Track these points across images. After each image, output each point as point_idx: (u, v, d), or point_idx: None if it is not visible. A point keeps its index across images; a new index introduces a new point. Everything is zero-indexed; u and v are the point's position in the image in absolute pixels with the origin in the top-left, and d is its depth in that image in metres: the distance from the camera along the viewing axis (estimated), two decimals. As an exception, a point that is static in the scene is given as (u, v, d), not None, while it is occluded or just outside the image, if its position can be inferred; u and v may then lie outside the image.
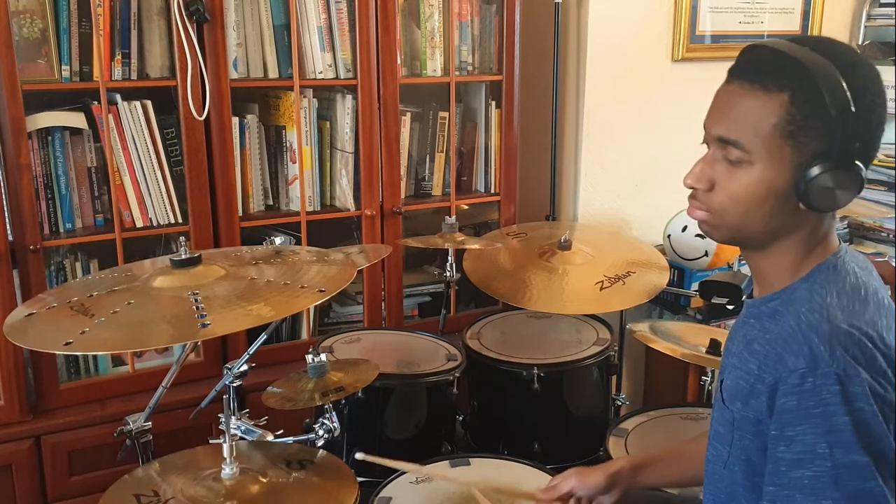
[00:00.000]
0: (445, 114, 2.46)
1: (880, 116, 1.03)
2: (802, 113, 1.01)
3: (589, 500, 1.43)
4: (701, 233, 2.57)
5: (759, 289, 1.17)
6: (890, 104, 3.32)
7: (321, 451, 1.55)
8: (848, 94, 0.99)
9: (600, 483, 1.41)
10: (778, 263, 1.11)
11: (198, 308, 1.34)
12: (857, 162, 1.02)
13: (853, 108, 0.99)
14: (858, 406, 0.96)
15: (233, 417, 1.58)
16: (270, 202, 2.29)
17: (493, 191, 2.58)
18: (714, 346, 1.97)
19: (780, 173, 1.04)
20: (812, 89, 1.00)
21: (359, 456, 1.52)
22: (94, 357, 2.14)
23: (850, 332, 0.99)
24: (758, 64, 1.05)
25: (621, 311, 2.33)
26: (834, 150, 1.01)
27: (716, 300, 2.13)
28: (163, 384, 1.65)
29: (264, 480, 1.42)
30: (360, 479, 1.48)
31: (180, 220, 2.12)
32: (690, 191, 1.14)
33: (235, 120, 2.13)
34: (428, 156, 2.49)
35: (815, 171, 1.01)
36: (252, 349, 1.69)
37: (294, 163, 2.26)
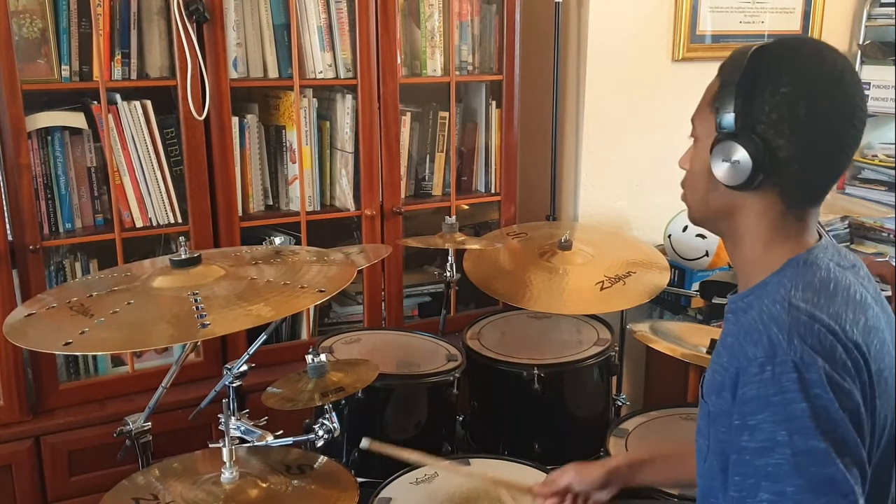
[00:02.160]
0: (445, 114, 2.46)
1: (784, 98, 1.05)
2: (722, 91, 1.08)
3: (586, 495, 1.43)
4: (702, 233, 2.58)
5: (740, 285, 1.19)
6: (890, 104, 3.29)
7: (321, 456, 1.54)
8: (745, 69, 1.06)
9: (598, 478, 1.42)
10: (743, 255, 1.15)
11: (198, 308, 1.34)
12: (762, 142, 1.05)
13: (747, 83, 1.05)
14: (815, 392, 0.96)
15: (232, 418, 1.58)
16: (270, 202, 2.29)
17: (493, 191, 2.57)
18: (714, 347, 1.97)
19: (708, 149, 1.10)
20: (727, 69, 1.09)
21: (364, 444, 1.52)
22: (94, 357, 2.14)
23: (811, 322, 1.00)
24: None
25: (622, 311, 2.33)
26: (733, 125, 1.06)
27: (716, 300, 2.13)
28: (163, 384, 1.65)
29: (264, 485, 1.42)
30: (359, 479, 1.48)
31: (180, 220, 2.12)
32: None
33: (235, 120, 2.13)
34: (428, 156, 2.49)
35: (717, 143, 1.08)
36: (252, 349, 1.69)
37: (294, 163, 2.26)
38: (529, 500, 1.58)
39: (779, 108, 1.04)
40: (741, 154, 1.05)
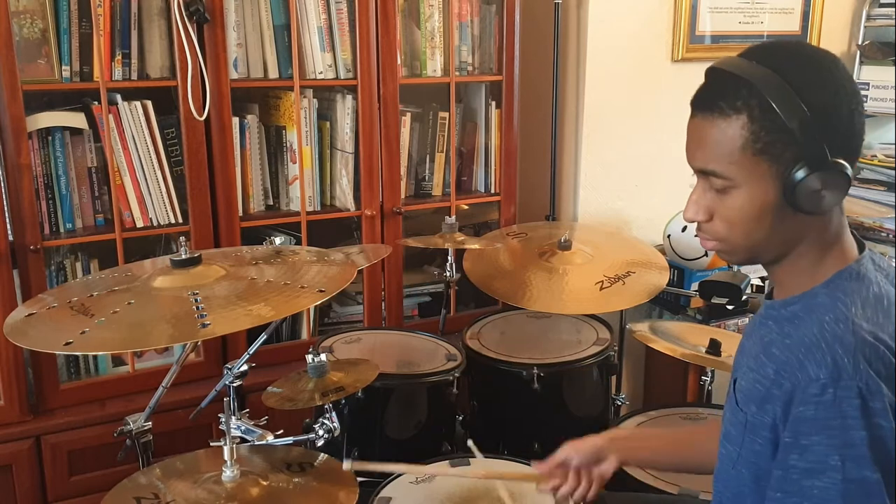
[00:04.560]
0: (445, 114, 2.46)
1: (842, 107, 1.02)
2: (764, 129, 1.02)
3: (588, 471, 1.40)
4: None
5: (779, 290, 1.16)
6: (890, 104, 3.29)
7: (322, 454, 1.54)
8: (798, 99, 1.00)
9: (594, 445, 1.39)
10: (795, 270, 1.11)
11: (198, 308, 1.34)
12: (838, 159, 1.02)
13: (808, 112, 1.00)
14: (877, 422, 0.95)
15: (233, 417, 1.58)
16: (270, 202, 2.29)
17: (493, 191, 2.58)
18: (714, 346, 1.97)
19: (766, 188, 1.05)
20: (764, 104, 1.01)
21: (346, 466, 1.40)
22: (94, 357, 2.14)
23: (876, 344, 0.98)
24: (710, 91, 1.07)
25: (621, 311, 2.33)
26: (808, 154, 1.01)
27: (715, 300, 2.13)
28: (163, 384, 1.65)
29: (265, 483, 1.42)
30: (359, 479, 1.48)
31: (180, 220, 2.12)
32: (690, 190, 1.14)
33: (235, 120, 2.14)
34: (428, 156, 2.49)
35: (798, 176, 1.02)
36: (252, 349, 1.69)
37: (294, 163, 2.26)
38: (529, 500, 1.58)
39: (835, 122, 1.02)
40: (832, 178, 1.01)
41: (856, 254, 1.10)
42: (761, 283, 2.39)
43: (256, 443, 1.56)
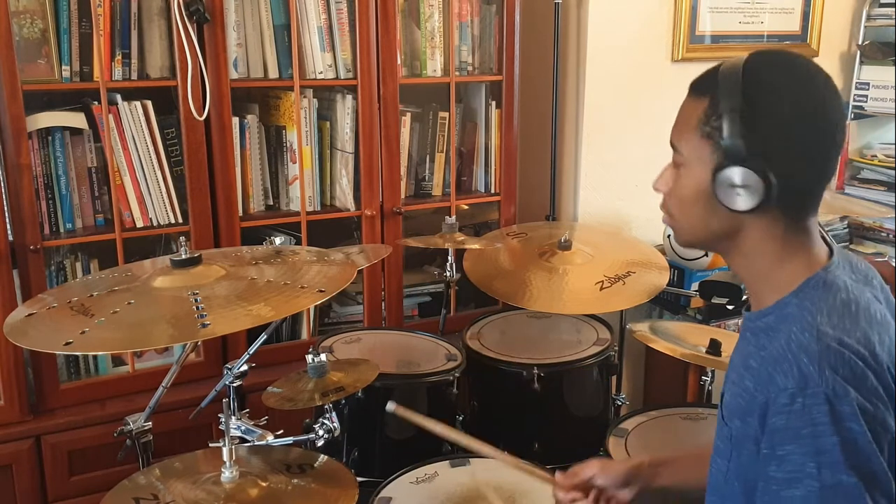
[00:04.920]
0: (445, 114, 2.46)
1: (796, 125, 1.04)
2: (715, 114, 1.06)
3: (608, 493, 1.42)
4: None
5: (753, 300, 1.17)
6: (890, 104, 3.29)
7: (321, 455, 1.54)
8: (742, 97, 1.04)
9: (621, 473, 1.39)
10: (751, 271, 1.13)
11: (198, 308, 1.34)
12: (765, 161, 1.03)
13: (750, 111, 1.03)
14: (847, 426, 0.95)
15: (233, 418, 1.58)
16: (270, 202, 2.29)
17: (493, 191, 2.58)
18: (714, 347, 1.97)
19: (703, 173, 1.09)
20: (719, 92, 1.06)
21: (390, 407, 1.53)
22: (94, 357, 2.14)
23: (841, 350, 0.99)
24: (701, 76, 1.13)
25: (621, 311, 2.33)
26: (738, 149, 1.04)
27: (716, 300, 2.13)
28: (163, 384, 1.65)
29: (264, 484, 1.42)
30: (359, 479, 1.48)
31: (180, 220, 2.12)
32: None
33: (235, 120, 2.14)
34: (428, 156, 2.49)
35: (720, 166, 1.06)
36: (252, 349, 1.69)
37: (294, 163, 2.26)
38: (528, 501, 1.58)
39: (782, 131, 1.04)
40: (752, 179, 1.03)
41: (824, 261, 1.10)
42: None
43: (256, 443, 1.56)
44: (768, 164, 1.03)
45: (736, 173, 1.04)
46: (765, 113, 1.04)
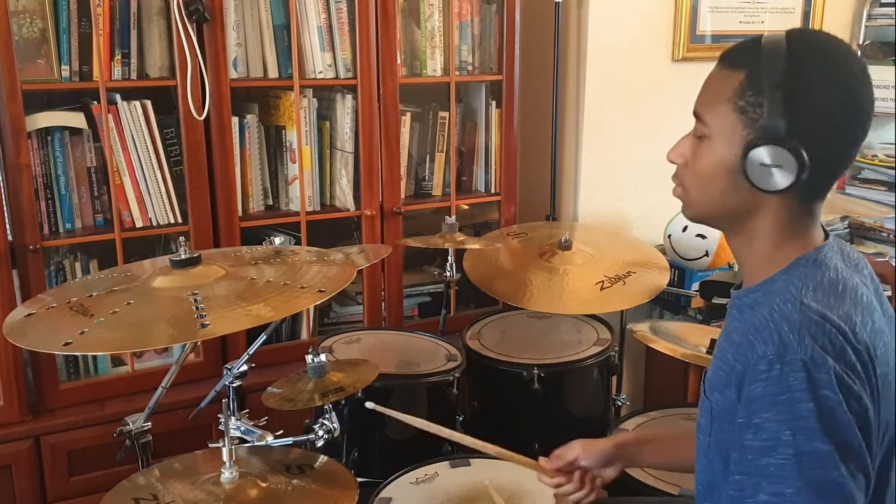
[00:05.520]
0: (445, 114, 2.46)
1: (832, 109, 1.03)
2: (751, 89, 1.04)
3: (592, 472, 1.42)
4: (702, 233, 2.57)
5: (744, 280, 1.17)
6: (890, 104, 3.29)
7: (321, 456, 1.54)
8: (788, 76, 1.01)
9: (604, 451, 1.40)
10: (752, 251, 1.12)
11: (197, 308, 1.34)
12: (801, 143, 1.01)
13: (792, 92, 1.01)
14: (823, 394, 0.95)
15: (232, 418, 1.58)
16: (270, 202, 2.29)
17: (493, 191, 2.57)
18: (714, 346, 1.97)
19: (731, 149, 1.07)
20: (760, 68, 1.03)
21: (369, 405, 1.51)
22: (94, 357, 2.14)
23: (822, 323, 0.99)
24: (735, 48, 1.10)
25: (621, 311, 2.32)
26: (777, 129, 1.02)
27: (716, 300, 2.13)
28: (162, 384, 1.65)
29: (263, 485, 1.41)
30: (359, 479, 1.48)
31: (180, 220, 2.12)
32: None
33: (235, 120, 2.13)
34: (428, 156, 2.49)
35: (754, 144, 1.03)
36: (252, 349, 1.68)
37: (294, 163, 2.26)
38: (529, 500, 1.58)
39: (824, 114, 1.02)
40: (787, 159, 1.01)
41: (819, 242, 1.11)
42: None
43: (256, 443, 1.56)
44: (805, 145, 1.01)
45: (771, 152, 1.02)
46: (809, 94, 1.02)
